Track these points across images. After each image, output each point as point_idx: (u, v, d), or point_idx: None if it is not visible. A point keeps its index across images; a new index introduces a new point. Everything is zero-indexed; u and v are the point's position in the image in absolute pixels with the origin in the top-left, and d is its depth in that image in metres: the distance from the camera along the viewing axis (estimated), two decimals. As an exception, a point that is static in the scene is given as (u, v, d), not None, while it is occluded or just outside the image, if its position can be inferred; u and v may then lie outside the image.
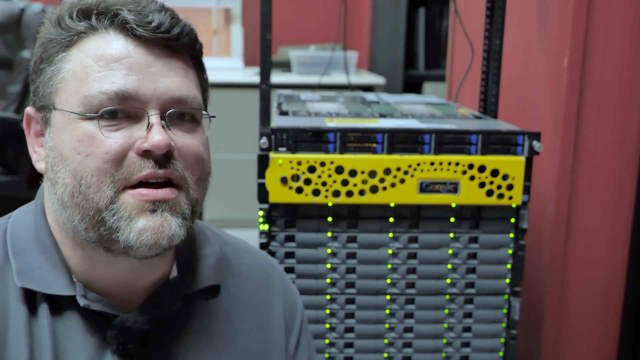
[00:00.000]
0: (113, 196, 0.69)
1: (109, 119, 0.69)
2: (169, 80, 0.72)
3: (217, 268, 0.83)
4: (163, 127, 0.70)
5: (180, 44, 0.73)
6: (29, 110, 0.75)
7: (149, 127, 0.70)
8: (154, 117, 0.70)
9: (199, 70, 0.79)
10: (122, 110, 0.70)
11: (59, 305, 0.73)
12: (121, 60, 0.70)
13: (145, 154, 0.69)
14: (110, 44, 0.71)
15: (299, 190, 1.25)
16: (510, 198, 1.28)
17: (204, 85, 0.80)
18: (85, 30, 0.71)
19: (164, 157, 0.70)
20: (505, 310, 1.34)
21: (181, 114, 0.73)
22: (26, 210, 0.79)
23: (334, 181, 1.25)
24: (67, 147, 0.70)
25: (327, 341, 1.32)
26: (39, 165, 0.75)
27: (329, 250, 1.29)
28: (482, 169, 1.27)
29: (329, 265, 1.30)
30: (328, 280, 1.30)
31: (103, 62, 0.70)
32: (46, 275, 0.73)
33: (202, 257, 0.83)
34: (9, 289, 0.72)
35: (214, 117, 0.78)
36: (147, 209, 0.69)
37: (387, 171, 1.26)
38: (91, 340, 0.73)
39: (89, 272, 0.74)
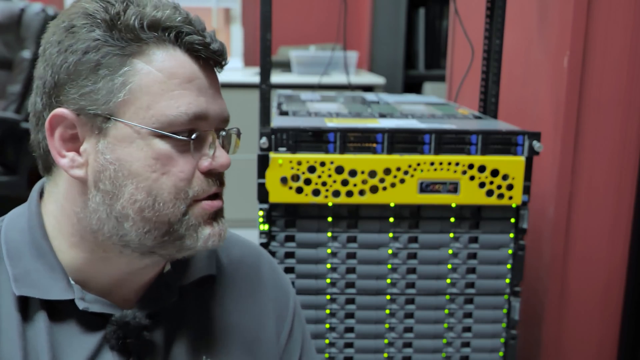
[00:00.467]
0: (184, 211, 0.72)
1: (184, 140, 0.71)
2: (221, 101, 0.76)
3: (209, 259, 0.85)
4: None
5: (223, 66, 0.77)
6: (64, 112, 0.70)
7: (214, 147, 0.74)
8: (217, 139, 0.74)
9: None
10: (198, 133, 0.72)
11: (57, 308, 0.73)
12: (193, 82, 0.72)
13: (209, 172, 0.73)
14: (179, 62, 0.71)
15: (299, 190, 1.25)
16: (510, 198, 1.28)
17: None
18: (149, 42, 0.70)
19: (221, 174, 0.75)
20: (505, 310, 1.34)
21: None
22: (19, 213, 0.78)
23: (334, 181, 1.25)
24: (138, 163, 0.70)
25: (327, 341, 1.32)
26: (76, 172, 0.71)
27: (329, 250, 1.29)
28: (482, 169, 1.27)
29: (329, 265, 1.30)
30: (328, 280, 1.30)
31: (177, 81, 0.71)
32: (43, 279, 0.73)
33: None
34: (1, 293, 0.72)
35: (242, 133, 0.82)
36: (211, 218, 0.74)
37: (387, 171, 1.26)
38: (89, 339, 0.73)
39: (89, 271, 0.74)
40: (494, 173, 1.27)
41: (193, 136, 0.71)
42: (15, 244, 0.74)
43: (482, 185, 1.27)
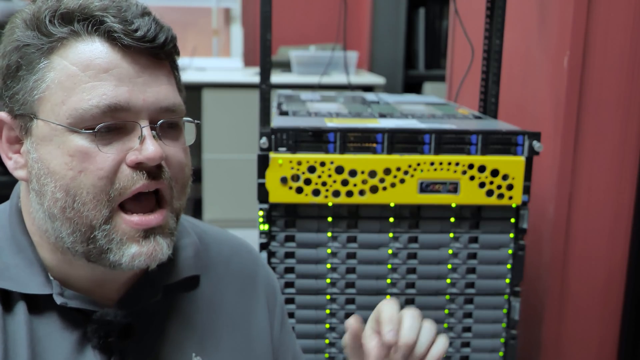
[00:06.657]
0: (108, 216, 0.69)
1: (102, 133, 0.68)
2: (157, 89, 0.71)
3: (196, 259, 0.84)
4: (154, 137, 0.69)
5: (165, 52, 0.72)
6: (3, 115, 0.72)
7: (142, 139, 0.69)
8: (146, 129, 0.69)
9: (175, 70, 0.78)
10: (115, 124, 0.68)
11: (37, 303, 0.73)
12: (110, 71, 0.68)
13: (138, 165, 0.69)
14: (95, 53, 0.68)
15: (299, 190, 1.25)
16: (510, 198, 1.28)
17: (180, 86, 0.79)
18: (66, 36, 0.69)
19: (155, 168, 0.70)
20: (505, 310, 1.34)
21: (170, 124, 0.73)
22: (1, 210, 0.78)
23: (334, 181, 1.25)
24: (55, 161, 0.68)
25: (327, 341, 1.32)
26: (19, 173, 0.73)
27: (329, 250, 1.29)
28: (482, 169, 1.27)
29: (329, 265, 1.30)
30: (328, 280, 1.30)
31: (91, 72, 0.68)
32: (22, 274, 0.72)
33: (180, 248, 0.83)
34: None
35: (199, 122, 0.78)
36: (139, 236, 0.70)
37: (387, 171, 1.26)
38: (70, 337, 0.73)
39: (66, 271, 0.74)
40: (494, 173, 1.27)
41: (96, 128, 0.67)
42: None
43: (482, 185, 1.27)
